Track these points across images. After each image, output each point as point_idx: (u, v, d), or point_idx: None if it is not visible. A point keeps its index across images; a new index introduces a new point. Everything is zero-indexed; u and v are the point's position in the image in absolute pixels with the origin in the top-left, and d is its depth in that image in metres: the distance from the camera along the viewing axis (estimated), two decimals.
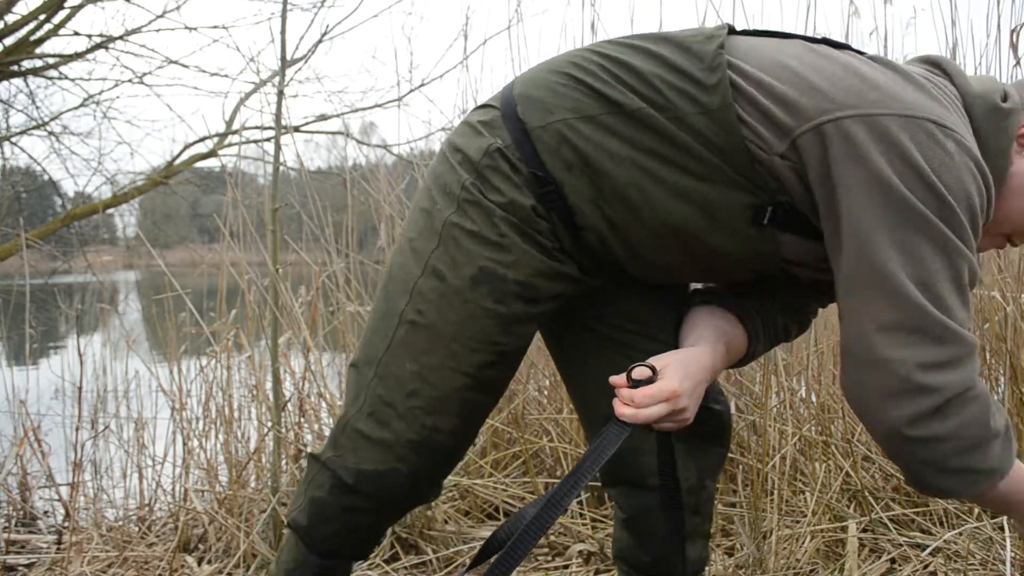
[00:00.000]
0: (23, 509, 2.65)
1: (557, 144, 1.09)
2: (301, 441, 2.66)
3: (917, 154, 0.99)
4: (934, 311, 0.99)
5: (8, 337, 3.57)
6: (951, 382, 1.00)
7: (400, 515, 1.43)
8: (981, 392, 1.03)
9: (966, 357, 1.02)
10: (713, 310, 1.26)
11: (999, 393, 2.30)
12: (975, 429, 1.03)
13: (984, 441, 1.04)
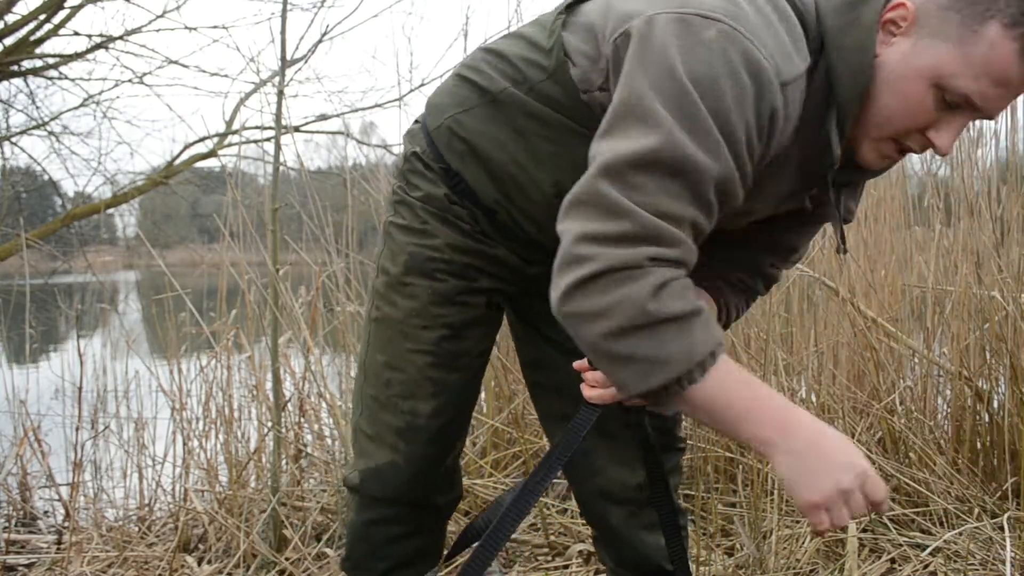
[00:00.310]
0: (23, 509, 2.65)
1: (448, 139, 1.22)
2: (301, 441, 2.66)
3: (669, 45, 0.95)
4: (605, 185, 0.94)
5: (8, 337, 3.57)
6: (607, 255, 0.93)
7: (422, 518, 1.41)
8: (655, 280, 0.93)
9: (641, 240, 0.93)
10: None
11: (999, 393, 2.30)
12: (631, 310, 0.93)
13: (648, 326, 0.93)
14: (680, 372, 0.95)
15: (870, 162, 1.07)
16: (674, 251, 0.95)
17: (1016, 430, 2.16)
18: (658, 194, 0.94)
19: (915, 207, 2.93)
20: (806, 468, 0.95)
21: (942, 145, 0.99)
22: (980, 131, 2.54)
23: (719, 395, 0.97)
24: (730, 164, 0.96)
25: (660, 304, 0.93)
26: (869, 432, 2.46)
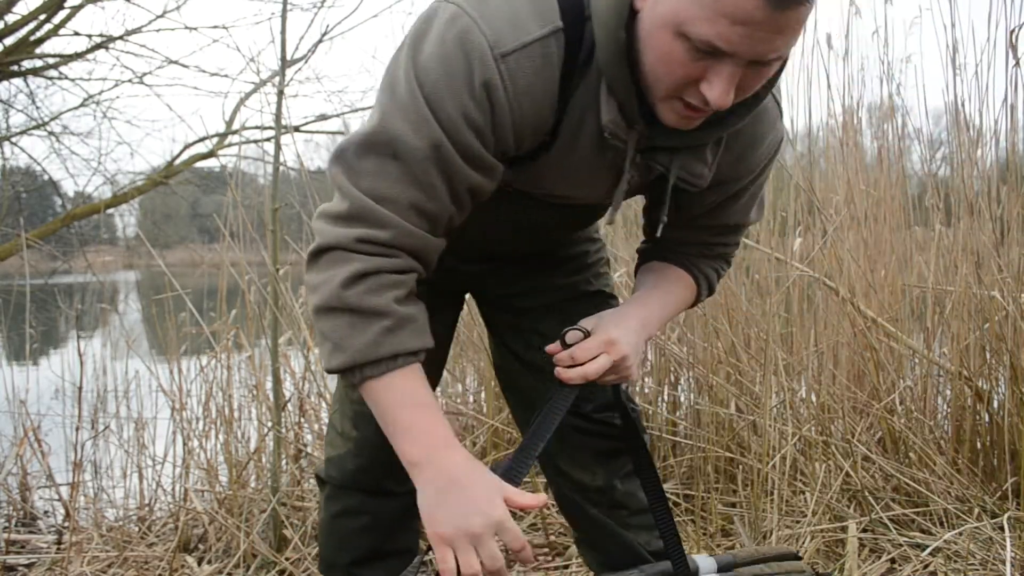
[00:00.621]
0: (23, 509, 2.65)
1: None
2: (301, 441, 2.66)
3: (410, 33, 1.02)
4: (334, 168, 1.02)
5: (8, 337, 3.57)
6: (326, 232, 1.02)
7: (382, 510, 1.44)
8: (356, 268, 0.99)
9: (352, 219, 1.00)
10: (646, 268, 1.32)
11: (999, 393, 2.30)
12: (328, 292, 1.00)
13: (337, 310, 1.00)
14: (355, 362, 1.01)
15: (670, 123, 1.01)
16: (384, 233, 1.00)
17: (1016, 430, 2.16)
18: (377, 176, 0.99)
19: (915, 207, 2.93)
20: (441, 501, 0.98)
21: (712, 97, 0.93)
22: (980, 131, 2.55)
23: (391, 402, 1.03)
24: (442, 138, 0.98)
25: (351, 293, 0.99)
26: (869, 432, 2.46)
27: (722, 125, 1.05)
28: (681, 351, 2.60)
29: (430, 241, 1.05)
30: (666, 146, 1.08)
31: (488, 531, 0.96)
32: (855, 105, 2.82)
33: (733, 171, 1.17)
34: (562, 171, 1.12)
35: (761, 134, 1.14)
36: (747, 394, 2.46)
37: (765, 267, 2.61)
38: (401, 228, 1.00)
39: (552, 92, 1.02)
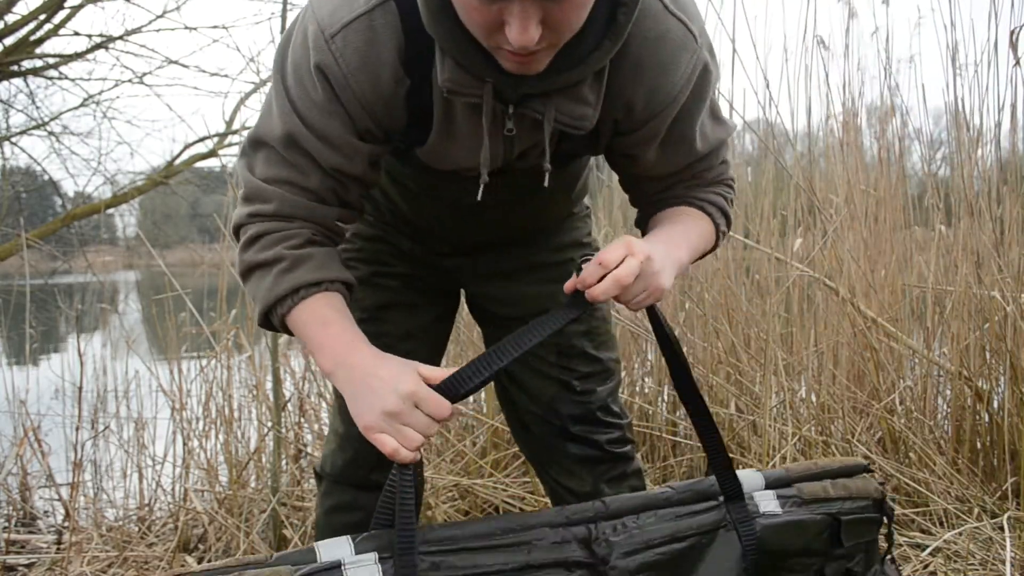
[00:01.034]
0: (23, 509, 2.65)
1: None
2: (301, 441, 2.66)
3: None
4: (239, 160, 1.17)
5: (8, 337, 3.56)
6: (235, 214, 1.15)
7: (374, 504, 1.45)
8: (250, 234, 1.12)
9: (248, 200, 1.13)
10: (649, 227, 1.27)
11: (999, 393, 2.30)
12: (239, 261, 1.14)
13: (246, 272, 1.14)
14: (265, 307, 1.11)
15: (511, 70, 1.00)
16: (268, 206, 1.11)
17: (1016, 430, 2.16)
18: (263, 162, 1.12)
19: (915, 207, 2.93)
20: (358, 395, 1.03)
21: (513, 40, 0.92)
22: (980, 131, 2.55)
23: (303, 330, 1.11)
24: (297, 123, 1.07)
25: (248, 255, 1.12)
26: (869, 432, 2.46)
27: (587, 63, 1.02)
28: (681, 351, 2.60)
29: (317, 209, 1.12)
30: (536, 92, 1.05)
31: (406, 404, 0.99)
32: (855, 105, 2.82)
33: (654, 103, 1.12)
34: (455, 142, 1.12)
35: (668, 60, 1.09)
36: (747, 394, 2.46)
37: (765, 267, 2.61)
38: (283, 199, 1.10)
39: (391, 62, 1.04)
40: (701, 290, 2.56)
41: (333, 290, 1.11)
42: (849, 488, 1.22)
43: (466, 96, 1.05)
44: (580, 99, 1.08)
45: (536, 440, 1.47)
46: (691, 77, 1.11)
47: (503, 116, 1.09)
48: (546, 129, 1.08)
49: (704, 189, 1.26)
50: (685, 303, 2.74)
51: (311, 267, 1.10)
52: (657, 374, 2.77)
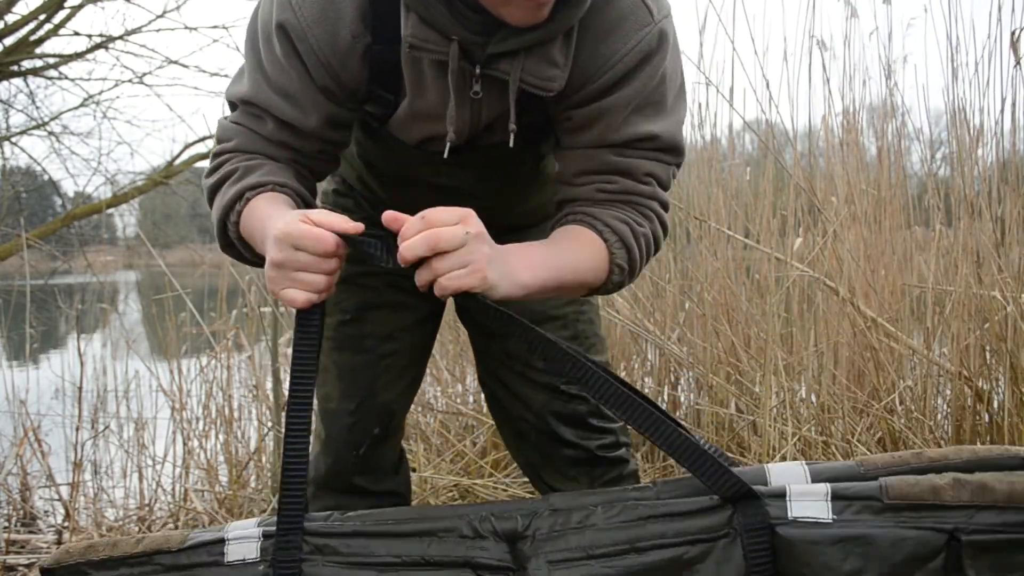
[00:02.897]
0: (23, 509, 2.65)
1: None
2: None
3: None
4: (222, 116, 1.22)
5: (8, 337, 3.56)
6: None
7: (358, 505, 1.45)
8: (211, 163, 1.16)
9: (217, 141, 1.18)
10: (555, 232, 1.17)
11: (999, 393, 2.30)
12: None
13: (210, 200, 1.15)
14: (220, 220, 1.12)
15: (522, 21, 0.97)
16: (230, 143, 1.15)
17: (1016, 430, 2.16)
18: (231, 116, 1.17)
19: (915, 207, 2.93)
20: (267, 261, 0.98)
21: None
22: (980, 131, 2.55)
23: (250, 231, 1.08)
24: (259, 79, 1.11)
25: (210, 179, 1.14)
26: (869, 432, 2.46)
27: (555, 21, 1.00)
28: (681, 351, 2.60)
29: (272, 152, 1.14)
30: (504, 51, 1.03)
31: (284, 250, 0.92)
32: (855, 105, 2.83)
33: (592, 66, 1.07)
34: (423, 107, 1.11)
35: (610, 26, 1.06)
36: (747, 394, 2.46)
37: (765, 267, 2.61)
38: (243, 136, 1.14)
39: (349, 17, 1.05)
40: (701, 290, 2.56)
41: (281, 192, 1.10)
42: (994, 491, 0.76)
43: (431, 53, 1.03)
44: (548, 60, 1.04)
45: (530, 447, 1.46)
46: (637, 50, 1.07)
47: (470, 78, 1.06)
48: (511, 88, 1.05)
49: (615, 208, 1.12)
50: (685, 303, 2.74)
51: (260, 173, 1.10)
52: (657, 374, 2.77)
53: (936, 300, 2.59)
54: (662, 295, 2.80)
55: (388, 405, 1.42)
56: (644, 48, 1.07)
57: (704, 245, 2.61)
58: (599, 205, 1.12)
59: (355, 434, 1.40)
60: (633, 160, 1.12)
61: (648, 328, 2.62)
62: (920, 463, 0.84)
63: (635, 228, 1.12)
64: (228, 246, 1.15)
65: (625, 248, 1.11)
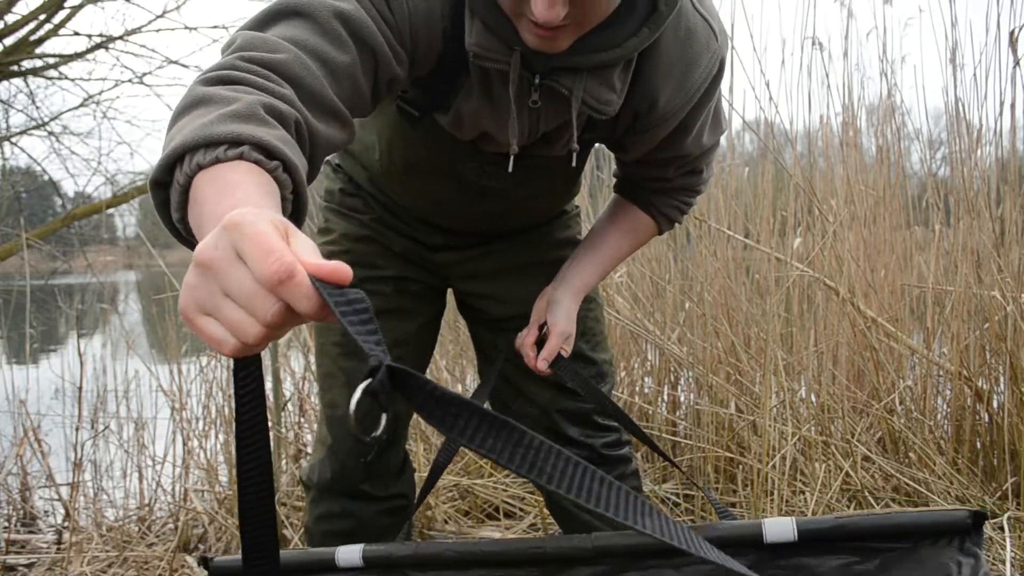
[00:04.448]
0: (23, 509, 2.65)
1: None
2: (301, 441, 2.66)
3: None
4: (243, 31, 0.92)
5: (8, 337, 3.56)
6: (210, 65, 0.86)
7: (363, 514, 1.45)
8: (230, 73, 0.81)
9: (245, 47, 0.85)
10: (609, 209, 1.39)
11: (999, 393, 2.30)
12: (183, 95, 0.80)
13: (188, 108, 0.77)
14: (184, 147, 0.71)
15: (532, 45, 0.98)
16: (276, 55, 0.84)
17: (1016, 430, 2.16)
18: (278, 27, 0.89)
19: (915, 207, 2.93)
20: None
21: (537, 13, 0.90)
22: (980, 131, 2.55)
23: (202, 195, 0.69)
24: (355, 3, 0.92)
25: (206, 88, 0.79)
26: (869, 432, 2.46)
27: (623, 47, 1.03)
28: (681, 351, 2.60)
29: (327, 90, 0.87)
30: (567, 67, 1.04)
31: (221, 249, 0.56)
32: (855, 105, 2.83)
33: (676, 100, 1.13)
34: (484, 109, 1.10)
35: (694, 57, 1.11)
36: (747, 394, 2.46)
37: (765, 267, 2.61)
38: (298, 57, 0.85)
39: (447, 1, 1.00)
40: (701, 290, 2.56)
41: (278, 179, 0.72)
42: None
43: (492, 62, 1.02)
44: (608, 84, 1.07)
45: None
46: (712, 72, 1.13)
47: (529, 87, 1.07)
48: (573, 106, 1.07)
49: (671, 197, 1.33)
50: (685, 303, 2.74)
51: (271, 131, 0.75)
52: (657, 374, 2.77)
53: (936, 300, 2.59)
54: (662, 295, 2.80)
55: (396, 410, 1.42)
56: (712, 72, 1.14)
57: (704, 245, 2.61)
58: (657, 194, 1.32)
59: (362, 441, 1.39)
60: (695, 163, 1.28)
61: (648, 328, 2.62)
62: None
63: (684, 208, 1.35)
64: (159, 188, 0.74)
65: (670, 221, 1.36)
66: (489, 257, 1.42)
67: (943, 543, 0.96)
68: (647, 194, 1.33)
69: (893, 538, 0.96)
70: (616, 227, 1.35)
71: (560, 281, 1.33)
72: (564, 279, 1.33)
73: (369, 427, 0.56)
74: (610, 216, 1.36)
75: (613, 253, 1.35)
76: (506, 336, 1.43)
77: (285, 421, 2.44)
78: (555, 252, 1.43)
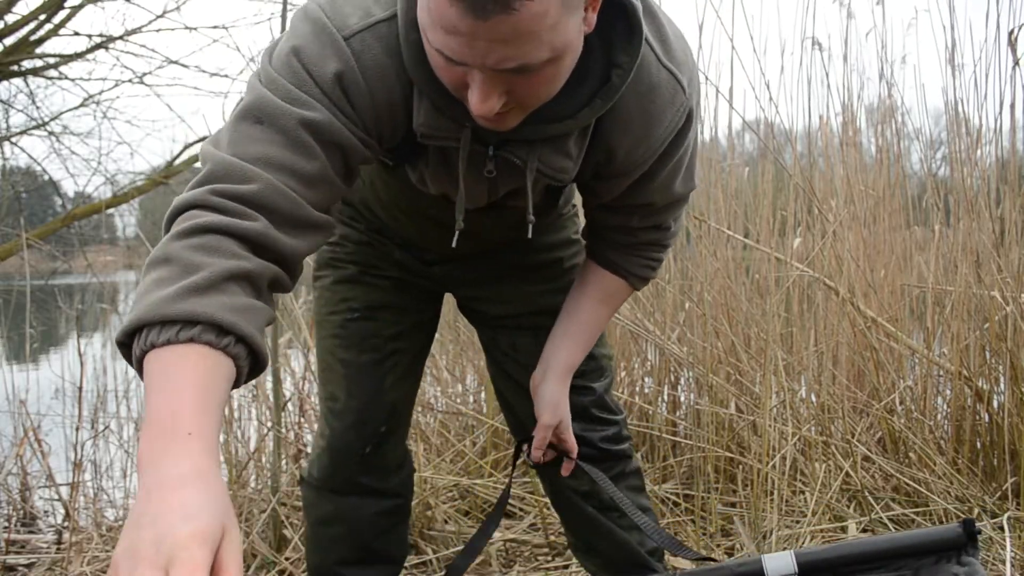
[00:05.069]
0: (23, 509, 2.65)
1: None
2: (301, 441, 2.66)
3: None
4: (206, 144, 0.95)
5: (8, 337, 3.56)
6: (182, 196, 0.90)
7: (359, 514, 1.45)
8: (204, 222, 0.84)
9: (217, 178, 0.89)
10: (580, 278, 1.34)
11: (999, 393, 2.30)
12: (157, 247, 0.85)
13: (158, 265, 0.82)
14: (139, 322, 0.78)
15: (483, 124, 0.96)
16: (248, 186, 0.87)
17: (1016, 430, 2.16)
18: (248, 139, 0.91)
19: (915, 207, 2.93)
20: (128, 524, 0.69)
21: (472, 105, 0.89)
22: (980, 131, 2.55)
23: (151, 379, 0.77)
24: (317, 107, 0.93)
25: (180, 244, 0.83)
26: (869, 432, 2.46)
27: (576, 119, 1.02)
28: (681, 351, 2.60)
29: (302, 208, 0.91)
30: (520, 139, 1.04)
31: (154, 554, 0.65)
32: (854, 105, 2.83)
33: (636, 154, 1.11)
34: (443, 175, 1.11)
35: (657, 112, 1.08)
36: (747, 394, 2.46)
37: (765, 267, 2.61)
38: (269, 184, 0.88)
39: (404, 79, 1.00)
40: (701, 290, 2.56)
41: (232, 354, 0.80)
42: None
43: (441, 140, 1.04)
44: (563, 151, 1.08)
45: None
46: (676, 125, 1.11)
47: (484, 158, 1.07)
48: (528, 178, 1.08)
49: (640, 254, 1.29)
50: (685, 303, 2.74)
51: (229, 304, 0.80)
52: (657, 374, 2.77)
53: (936, 300, 2.60)
54: (662, 295, 2.80)
55: (394, 403, 1.43)
56: (678, 126, 1.11)
57: (704, 245, 2.61)
58: (627, 253, 1.29)
59: (362, 432, 1.40)
60: (660, 216, 1.25)
61: (648, 328, 2.62)
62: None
63: (654, 265, 1.31)
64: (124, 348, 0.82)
65: (646, 280, 1.33)
66: (484, 266, 1.42)
67: (942, 562, 0.99)
68: (615, 253, 1.29)
69: (894, 560, 0.98)
70: (589, 297, 1.31)
71: (543, 366, 1.30)
72: (546, 363, 1.30)
73: None
74: (582, 286, 1.32)
75: (591, 325, 1.31)
76: (505, 333, 1.43)
77: (285, 421, 2.44)
78: (551, 254, 1.42)
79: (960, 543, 0.99)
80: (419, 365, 1.49)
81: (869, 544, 1.01)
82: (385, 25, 0.97)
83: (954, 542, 1.00)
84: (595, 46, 1.00)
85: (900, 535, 1.02)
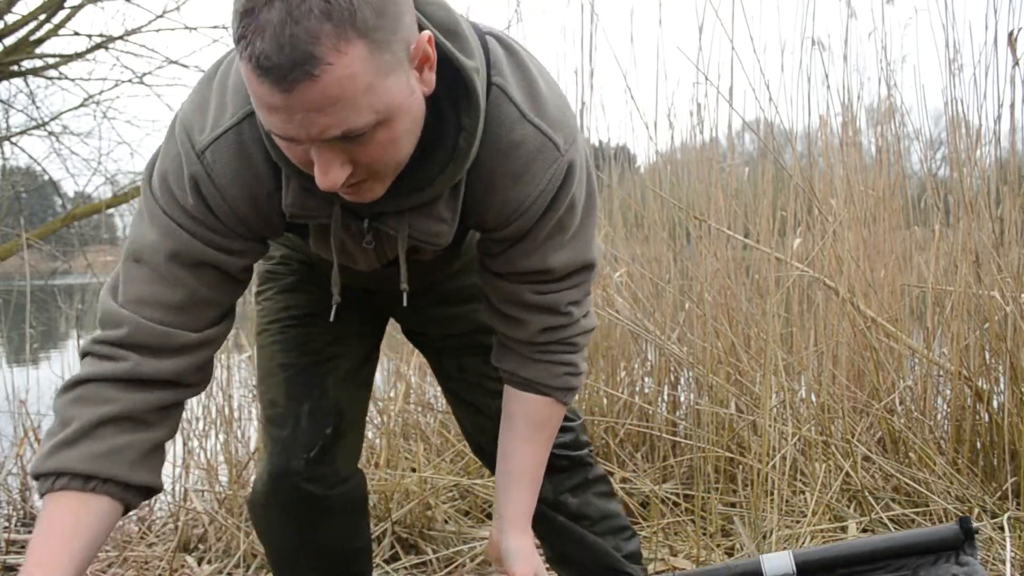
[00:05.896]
0: (23, 509, 2.65)
1: None
2: None
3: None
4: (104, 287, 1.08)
5: (8, 337, 3.56)
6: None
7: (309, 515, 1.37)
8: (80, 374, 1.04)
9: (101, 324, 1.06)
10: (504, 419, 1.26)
11: (999, 393, 2.30)
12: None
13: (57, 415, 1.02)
14: (33, 473, 1.00)
15: (344, 198, 0.99)
16: (116, 332, 1.02)
17: (1016, 430, 2.16)
18: (126, 282, 1.04)
19: (915, 207, 2.93)
20: None
21: (317, 179, 0.89)
22: (979, 131, 2.55)
23: (37, 526, 0.98)
24: (181, 235, 1.01)
25: (60, 400, 1.02)
26: (869, 432, 2.46)
27: (434, 185, 1.02)
28: (681, 351, 2.60)
29: (172, 336, 1.03)
30: (391, 210, 1.05)
31: None
32: (855, 105, 2.83)
33: (506, 212, 1.08)
34: (324, 248, 1.12)
35: (521, 168, 1.05)
36: (747, 394, 2.46)
37: (765, 267, 2.61)
38: (136, 325, 1.02)
39: (263, 175, 1.01)
40: (701, 290, 2.56)
41: (101, 493, 0.99)
42: None
43: (312, 219, 1.05)
44: (436, 216, 1.07)
45: (491, 459, 1.38)
46: (549, 185, 1.06)
47: (360, 231, 1.08)
48: (400, 247, 1.08)
49: (549, 362, 1.21)
50: (685, 303, 2.74)
51: (94, 450, 0.99)
52: (657, 374, 2.77)
53: (936, 300, 2.60)
54: (662, 295, 2.80)
55: (339, 403, 1.36)
56: (555, 184, 1.07)
57: (704, 245, 2.61)
58: (538, 362, 1.21)
59: (306, 435, 1.33)
60: (551, 296, 1.16)
61: (648, 328, 2.62)
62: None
63: (574, 371, 1.24)
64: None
65: (572, 390, 1.25)
66: (430, 294, 1.38)
67: (941, 561, 0.99)
68: (528, 369, 1.22)
69: (892, 560, 0.98)
70: (519, 437, 1.24)
71: (498, 522, 1.25)
72: (501, 518, 1.24)
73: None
74: (509, 423, 1.25)
75: (530, 466, 1.25)
76: (450, 355, 1.42)
77: None
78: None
79: (958, 541, 1.00)
80: (366, 373, 1.44)
81: (867, 544, 1.02)
82: (234, 131, 0.99)
83: (951, 541, 1.00)
84: (445, 108, 0.98)
85: (897, 535, 1.02)
